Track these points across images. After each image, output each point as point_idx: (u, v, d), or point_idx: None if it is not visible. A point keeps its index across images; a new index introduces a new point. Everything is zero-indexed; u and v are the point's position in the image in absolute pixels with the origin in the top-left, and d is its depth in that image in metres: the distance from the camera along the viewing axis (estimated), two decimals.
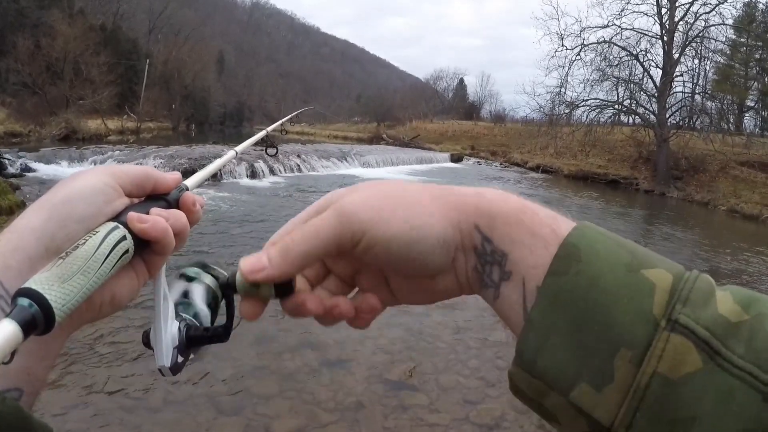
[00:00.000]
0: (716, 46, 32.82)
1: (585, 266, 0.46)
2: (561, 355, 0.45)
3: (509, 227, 0.51)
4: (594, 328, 0.44)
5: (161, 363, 0.67)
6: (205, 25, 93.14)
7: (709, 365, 0.41)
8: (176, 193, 0.68)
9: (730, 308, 0.43)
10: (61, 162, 17.01)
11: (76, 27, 38.46)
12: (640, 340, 0.42)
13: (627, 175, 30.96)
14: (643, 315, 0.43)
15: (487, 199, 0.53)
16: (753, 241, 16.95)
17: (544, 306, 0.46)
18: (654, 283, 0.45)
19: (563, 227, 0.50)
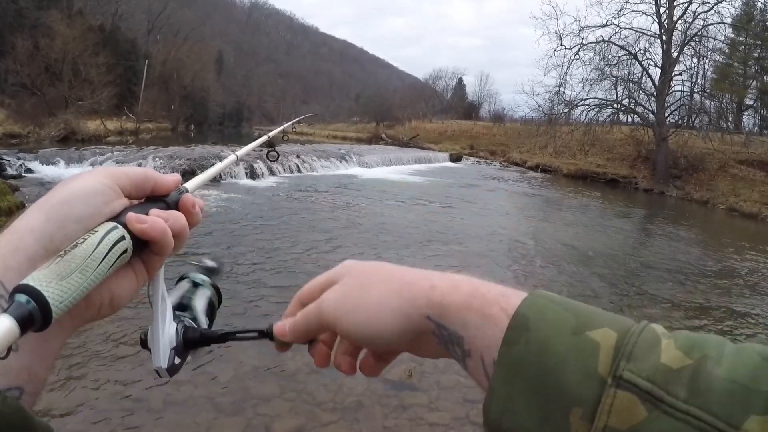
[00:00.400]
0: (715, 44, 32.92)
1: (534, 334, 0.50)
2: (521, 418, 0.48)
3: (460, 314, 0.56)
4: (548, 390, 0.47)
5: (158, 364, 0.68)
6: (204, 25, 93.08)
7: (654, 413, 0.43)
8: (176, 195, 0.68)
9: (673, 355, 0.45)
10: (60, 163, 16.99)
11: (74, 27, 38.39)
12: (590, 397, 0.45)
13: (626, 174, 31.01)
14: (591, 374, 0.46)
15: (439, 290, 0.59)
16: (752, 239, 16.98)
17: (502, 375, 0.50)
18: (599, 343, 0.47)
19: (514, 302, 0.54)
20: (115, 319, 5.69)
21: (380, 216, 13.81)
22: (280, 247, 9.70)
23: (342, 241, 10.65)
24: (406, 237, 11.50)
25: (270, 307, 6.62)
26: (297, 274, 7.99)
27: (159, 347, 0.67)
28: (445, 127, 54.33)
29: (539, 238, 12.95)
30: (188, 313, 0.75)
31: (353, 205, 15.05)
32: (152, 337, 0.68)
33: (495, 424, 0.50)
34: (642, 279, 10.33)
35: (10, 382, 0.53)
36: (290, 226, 11.74)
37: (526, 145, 38.29)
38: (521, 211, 18.13)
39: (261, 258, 8.81)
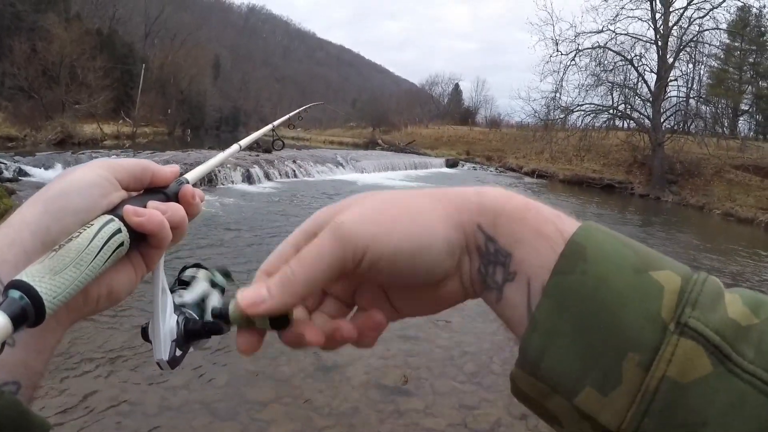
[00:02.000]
0: (710, 50, 33.08)
1: (591, 266, 0.45)
2: (566, 357, 0.43)
3: (513, 226, 0.49)
4: (601, 330, 0.42)
5: (159, 356, 0.67)
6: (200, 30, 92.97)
7: (719, 370, 0.40)
8: (175, 186, 0.68)
9: (740, 311, 0.42)
10: (57, 166, 16.94)
11: (72, 31, 38.37)
12: (649, 343, 0.41)
13: (622, 180, 31.08)
14: (652, 318, 0.42)
15: (489, 197, 0.51)
16: (748, 244, 17.00)
17: (549, 306, 0.44)
18: (662, 285, 0.43)
19: (568, 226, 0.48)
20: (112, 320, 5.69)
21: None
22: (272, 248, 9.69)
23: None
24: None
25: None
26: None
27: (160, 339, 0.67)
28: (442, 132, 54.34)
29: None
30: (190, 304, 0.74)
31: None
32: (153, 330, 0.67)
33: (533, 362, 0.44)
34: None
35: (7, 376, 0.52)
36: (287, 231, 11.70)
37: (522, 150, 38.38)
38: None
39: (257, 261, 8.80)
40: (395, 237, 0.47)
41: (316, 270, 0.47)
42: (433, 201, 0.51)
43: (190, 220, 0.67)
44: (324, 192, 18.16)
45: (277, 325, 0.50)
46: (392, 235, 0.47)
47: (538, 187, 28.97)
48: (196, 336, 0.71)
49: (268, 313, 0.47)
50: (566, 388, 0.43)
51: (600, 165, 33.54)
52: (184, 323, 0.71)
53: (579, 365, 0.43)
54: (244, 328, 0.51)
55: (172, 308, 0.70)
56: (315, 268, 0.47)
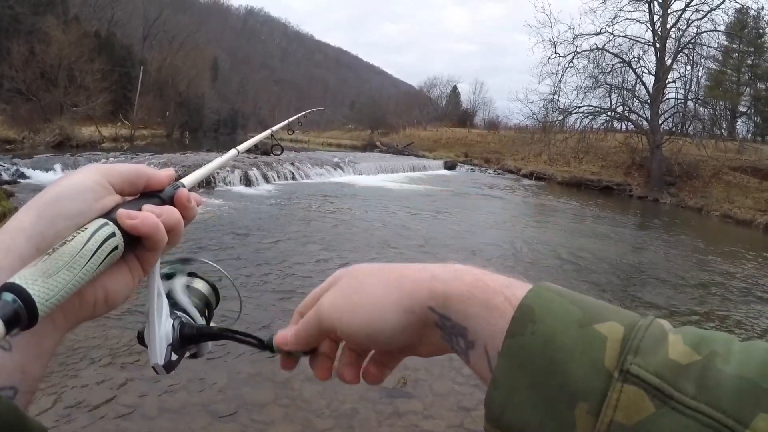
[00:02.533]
0: (708, 52, 33.19)
1: (540, 326, 0.49)
2: (524, 411, 0.47)
3: (464, 304, 0.55)
4: (552, 383, 0.46)
5: (154, 361, 0.67)
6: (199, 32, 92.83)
7: (662, 409, 0.42)
8: (171, 190, 0.68)
9: (681, 351, 0.45)
10: (56, 169, 16.97)
11: (70, 33, 38.32)
12: (596, 392, 0.44)
13: (620, 182, 31.11)
14: (597, 368, 0.45)
15: (440, 280, 0.57)
16: (747, 246, 17.04)
17: (505, 366, 0.49)
18: (605, 336, 0.46)
19: (518, 292, 0.53)
20: (108, 323, 5.69)
21: (375, 223, 13.83)
22: (276, 253, 9.70)
23: (336, 248, 10.66)
24: (400, 244, 11.53)
25: (266, 313, 6.62)
26: (293, 281, 8.00)
27: (155, 344, 0.67)
28: (440, 134, 54.29)
29: (534, 245, 12.99)
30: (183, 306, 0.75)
31: (348, 213, 15.08)
32: (148, 334, 0.68)
33: (497, 417, 0.49)
34: (636, 286, 10.37)
35: (4, 381, 0.53)
36: (285, 233, 11.74)
37: (520, 152, 38.36)
38: (515, 219, 18.16)
39: (256, 264, 8.81)
40: (354, 322, 0.60)
41: (309, 333, 0.65)
42: (388, 289, 0.60)
43: (187, 224, 0.68)
44: (322, 194, 18.17)
45: (307, 354, 0.68)
46: (352, 321, 0.60)
47: (537, 189, 28.97)
48: (192, 340, 0.72)
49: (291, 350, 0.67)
50: None
51: (598, 167, 33.56)
52: (180, 327, 0.71)
53: (536, 417, 0.47)
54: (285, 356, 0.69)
55: (168, 312, 0.71)
56: (308, 331, 0.65)
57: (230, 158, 1.13)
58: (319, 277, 8.45)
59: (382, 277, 0.62)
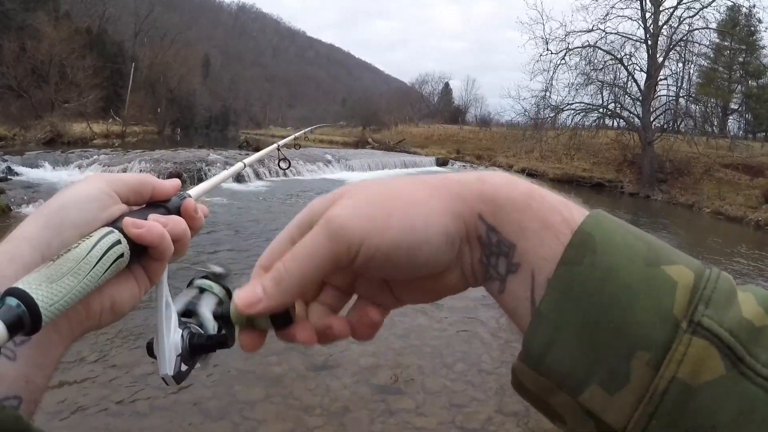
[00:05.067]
0: (700, 49, 33.12)
1: (600, 257, 0.42)
2: (572, 353, 0.41)
3: (516, 215, 0.46)
4: (609, 325, 0.40)
5: (164, 372, 0.67)
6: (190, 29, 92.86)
7: (731, 373, 0.38)
8: (177, 200, 0.69)
9: (754, 311, 0.40)
10: (46, 166, 16.92)
11: (61, 30, 38.31)
12: (660, 341, 0.39)
13: (612, 178, 31.12)
14: (664, 315, 0.40)
15: (491, 184, 0.48)
16: (738, 242, 17.10)
17: (556, 298, 0.42)
18: (675, 281, 0.41)
19: (576, 215, 0.46)
20: None
21: None
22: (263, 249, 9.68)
23: None
24: None
25: None
26: None
27: (164, 354, 0.67)
28: (432, 131, 54.36)
29: None
30: (194, 319, 0.74)
31: None
32: (157, 345, 0.67)
33: (536, 357, 0.42)
34: None
35: (8, 390, 0.52)
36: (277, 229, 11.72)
37: (512, 149, 38.35)
38: None
39: (248, 262, 8.79)
40: (391, 232, 0.45)
41: (309, 267, 0.46)
42: (431, 190, 0.48)
43: (194, 235, 0.68)
44: (314, 191, 18.14)
45: (279, 324, 0.48)
46: (388, 231, 0.45)
47: None
48: (201, 350, 0.71)
49: (264, 312, 0.46)
50: (571, 385, 0.41)
51: (590, 164, 33.57)
52: (189, 337, 0.70)
53: (585, 362, 0.41)
54: (247, 327, 0.49)
55: (176, 322, 0.70)
56: (308, 265, 0.46)
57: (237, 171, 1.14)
58: None
59: (416, 181, 0.49)
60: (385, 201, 0.47)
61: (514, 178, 0.49)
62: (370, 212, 0.46)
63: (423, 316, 6.67)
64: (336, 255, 0.45)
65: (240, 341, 0.51)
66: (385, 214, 0.46)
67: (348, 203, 0.47)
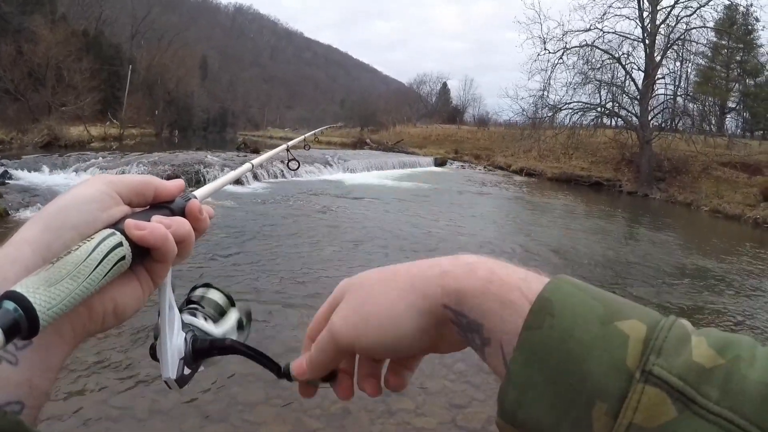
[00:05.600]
0: (697, 48, 33.23)
1: (558, 320, 0.47)
2: (539, 408, 0.45)
3: (478, 300, 0.53)
4: (570, 380, 0.44)
5: (167, 375, 0.66)
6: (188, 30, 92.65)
7: (684, 414, 0.41)
8: (181, 201, 0.67)
9: (705, 353, 0.43)
10: (44, 169, 16.84)
11: (58, 33, 38.23)
12: (616, 392, 0.42)
13: (610, 177, 31.17)
14: (617, 367, 0.43)
15: (452, 276, 0.55)
16: (736, 240, 17.14)
17: (521, 360, 0.47)
18: (627, 335, 0.45)
19: (534, 286, 0.51)
20: None
21: (366, 221, 13.79)
22: (266, 251, 9.67)
23: (327, 246, 10.63)
24: (392, 242, 11.50)
25: (260, 315, 6.59)
26: (284, 281, 7.96)
27: (167, 358, 0.66)
28: (430, 131, 54.36)
29: (524, 241, 13.01)
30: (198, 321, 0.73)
31: (338, 211, 15.03)
32: (160, 348, 0.66)
33: (510, 413, 0.48)
34: (627, 280, 10.39)
35: (10, 396, 0.52)
36: (275, 231, 11.71)
37: (510, 149, 38.35)
38: (506, 215, 18.23)
39: (247, 263, 8.77)
40: (371, 336, 0.57)
41: (325, 357, 0.62)
42: (399, 293, 0.57)
43: (198, 237, 0.67)
44: (312, 192, 18.13)
45: (327, 380, 0.66)
46: (368, 335, 0.58)
47: (527, 186, 29.00)
48: (204, 354, 0.70)
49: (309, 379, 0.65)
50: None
51: (588, 163, 33.62)
52: (192, 341, 0.70)
53: (552, 415, 0.45)
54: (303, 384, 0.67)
55: (180, 326, 0.69)
56: (324, 356, 0.62)
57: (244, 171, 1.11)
58: (309, 276, 8.47)
59: (390, 281, 0.59)
60: (364, 308, 0.59)
61: (475, 264, 0.56)
62: (355, 321, 0.59)
63: None
64: (339, 350, 0.60)
65: (300, 392, 0.68)
66: (365, 321, 0.58)
67: (342, 311, 0.61)
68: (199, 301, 0.76)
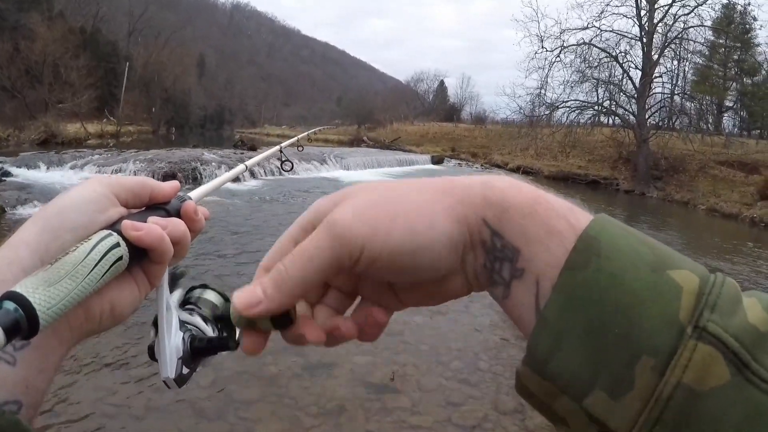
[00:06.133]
0: (695, 47, 33.22)
1: (605, 262, 0.42)
2: (576, 358, 0.41)
3: (521, 221, 0.45)
4: (614, 331, 0.40)
5: (165, 375, 0.67)
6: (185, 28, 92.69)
7: (736, 378, 0.37)
8: (177, 202, 0.68)
9: (759, 317, 0.39)
10: (41, 166, 16.83)
11: (55, 30, 38.23)
12: (665, 347, 0.38)
13: (607, 176, 31.15)
14: (669, 320, 0.39)
15: (497, 188, 0.47)
16: (733, 239, 17.16)
17: (560, 303, 0.42)
18: (680, 286, 0.40)
19: (582, 220, 0.45)
20: None
21: None
22: (263, 250, 9.66)
23: None
24: None
25: None
26: None
27: (166, 358, 0.67)
28: (427, 129, 54.38)
29: None
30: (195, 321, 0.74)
31: None
32: (158, 348, 0.67)
33: (541, 362, 0.42)
34: None
35: (8, 395, 0.52)
36: (272, 229, 11.70)
37: (507, 147, 38.37)
38: None
39: (243, 263, 8.77)
40: (393, 236, 0.45)
41: (310, 269, 0.45)
42: (434, 194, 0.47)
43: (194, 237, 0.67)
44: (309, 189, 18.12)
45: (280, 325, 0.47)
46: (390, 234, 0.45)
47: None
48: (203, 353, 0.71)
49: (265, 314, 0.46)
50: (575, 390, 0.41)
51: (585, 161, 33.60)
52: (191, 340, 0.70)
53: (590, 367, 0.40)
54: (248, 329, 0.48)
55: (177, 325, 0.70)
56: (309, 267, 0.45)
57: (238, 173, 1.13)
58: None
59: (417, 184, 0.49)
60: (388, 204, 0.47)
61: (519, 182, 0.48)
62: (373, 215, 0.46)
63: (418, 314, 6.65)
64: (338, 258, 0.45)
65: (242, 344, 0.49)
66: (388, 218, 0.45)
67: (351, 206, 0.46)
68: (196, 302, 0.77)
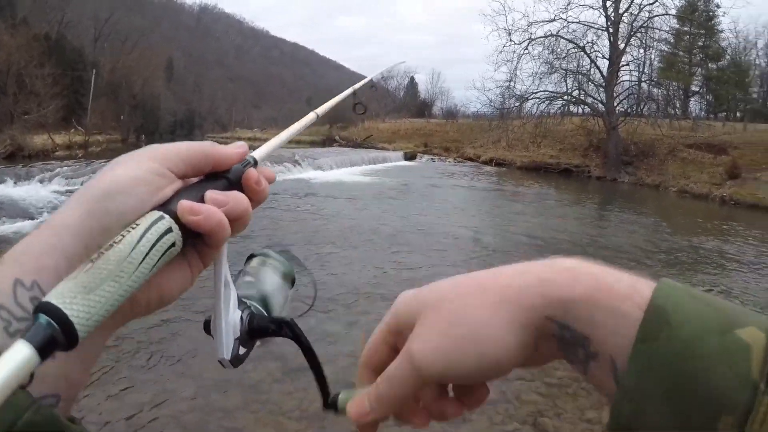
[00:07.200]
0: (660, 35, 33.73)
1: (676, 331, 0.43)
2: (659, 422, 0.43)
3: (585, 312, 0.48)
4: (692, 393, 0.42)
5: (221, 355, 0.64)
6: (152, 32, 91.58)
7: None
8: (240, 167, 0.61)
9: None
10: (8, 181, 16.51)
11: (19, 37, 37.63)
12: (741, 405, 0.40)
13: (579, 164, 31.47)
14: (742, 379, 0.40)
15: (554, 285, 0.49)
16: (704, 217, 17.54)
17: (637, 372, 0.44)
18: (748, 344, 0.42)
19: (645, 291, 0.46)
20: None
21: (338, 218, 13.81)
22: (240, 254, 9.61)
23: (302, 245, 10.59)
24: (366, 237, 11.50)
25: None
26: None
27: (222, 337, 0.63)
28: (399, 126, 54.35)
29: (497, 230, 13.12)
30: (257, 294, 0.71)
31: (311, 209, 14.98)
32: (214, 326, 0.64)
33: (626, 427, 0.44)
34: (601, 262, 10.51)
35: (47, 389, 0.49)
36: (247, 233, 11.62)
37: (479, 140, 38.57)
38: (478, 205, 18.32)
39: None
40: (469, 362, 0.50)
41: (400, 392, 0.52)
42: (494, 305, 0.50)
43: (255, 207, 0.62)
44: (281, 192, 18.03)
45: None
46: (462, 363, 0.50)
47: (497, 176, 29.16)
48: (261, 334, 0.67)
49: (372, 423, 0.55)
50: None
51: (557, 150, 33.86)
52: (249, 319, 0.67)
53: (673, 428, 0.42)
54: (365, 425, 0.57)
55: (236, 302, 0.66)
56: (399, 391, 0.52)
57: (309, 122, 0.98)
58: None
59: (478, 295, 0.52)
60: (455, 329, 0.50)
61: (576, 270, 0.50)
62: (446, 346, 0.50)
63: None
64: (420, 383, 0.52)
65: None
66: (459, 346, 0.50)
67: (424, 334, 0.52)
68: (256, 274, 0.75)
